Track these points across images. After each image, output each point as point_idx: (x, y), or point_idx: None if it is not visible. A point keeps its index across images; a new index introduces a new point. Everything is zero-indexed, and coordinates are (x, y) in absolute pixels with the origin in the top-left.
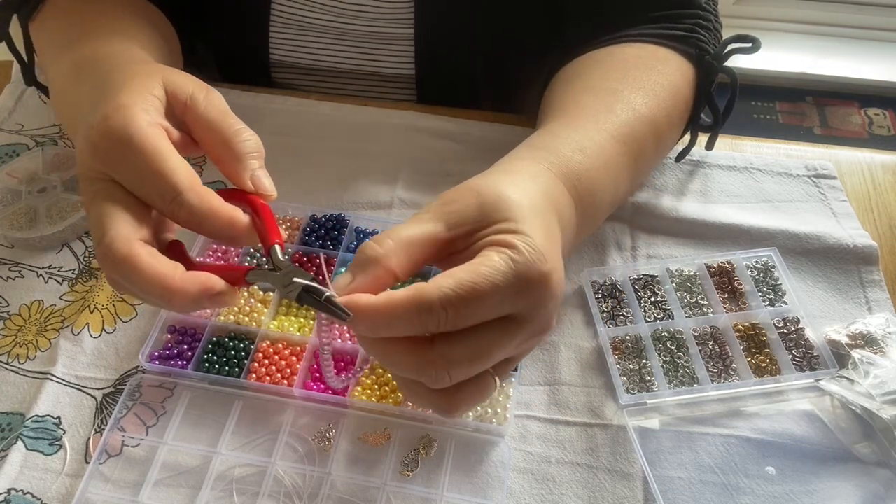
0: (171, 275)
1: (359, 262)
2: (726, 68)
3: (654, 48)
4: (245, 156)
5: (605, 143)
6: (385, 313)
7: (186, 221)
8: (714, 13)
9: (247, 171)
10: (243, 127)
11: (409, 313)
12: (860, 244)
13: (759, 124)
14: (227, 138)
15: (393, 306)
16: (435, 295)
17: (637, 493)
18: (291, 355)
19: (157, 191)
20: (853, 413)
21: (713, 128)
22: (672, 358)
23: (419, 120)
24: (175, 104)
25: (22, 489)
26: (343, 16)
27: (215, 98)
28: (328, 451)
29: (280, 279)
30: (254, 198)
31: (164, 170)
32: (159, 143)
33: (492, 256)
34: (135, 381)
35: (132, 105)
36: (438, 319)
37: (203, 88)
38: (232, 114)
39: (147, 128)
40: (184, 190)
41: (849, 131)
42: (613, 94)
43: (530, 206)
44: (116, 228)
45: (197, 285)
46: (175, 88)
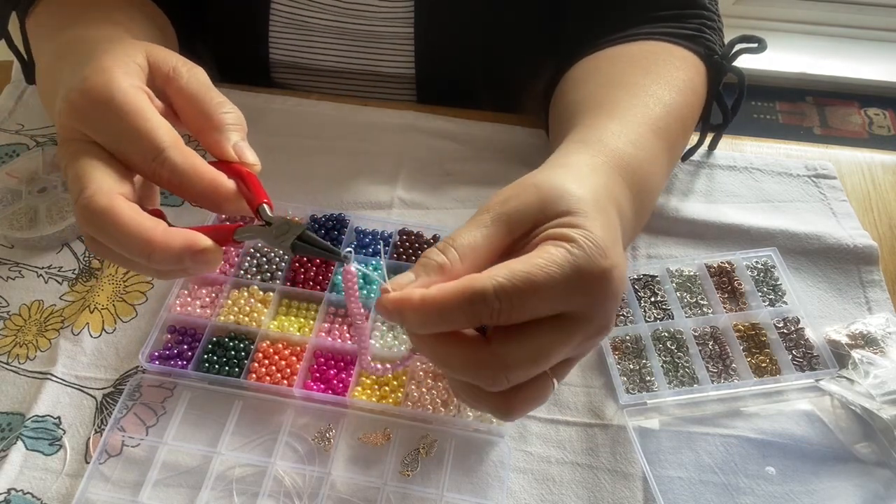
0: (154, 228)
1: (422, 266)
2: (735, 68)
3: (668, 46)
4: (226, 126)
5: (648, 137)
6: (437, 304)
7: (168, 182)
8: (717, 13)
9: (228, 141)
10: (225, 100)
11: (462, 304)
12: (860, 244)
13: (759, 124)
14: (208, 110)
15: (445, 297)
16: (489, 284)
17: (637, 493)
18: (291, 355)
19: (139, 149)
20: (853, 413)
21: (721, 127)
22: (672, 358)
23: (419, 120)
24: (157, 75)
25: (22, 489)
26: (343, 15)
27: (198, 72)
28: (328, 451)
29: (272, 232)
30: (238, 167)
31: (145, 128)
32: (140, 103)
33: (548, 249)
34: (135, 381)
35: (113, 67)
36: (492, 310)
37: (186, 63)
38: (214, 88)
39: (128, 87)
40: (166, 147)
41: (849, 131)
42: (643, 88)
43: (592, 199)
44: (97, 182)
45: (180, 240)
46: (157, 60)
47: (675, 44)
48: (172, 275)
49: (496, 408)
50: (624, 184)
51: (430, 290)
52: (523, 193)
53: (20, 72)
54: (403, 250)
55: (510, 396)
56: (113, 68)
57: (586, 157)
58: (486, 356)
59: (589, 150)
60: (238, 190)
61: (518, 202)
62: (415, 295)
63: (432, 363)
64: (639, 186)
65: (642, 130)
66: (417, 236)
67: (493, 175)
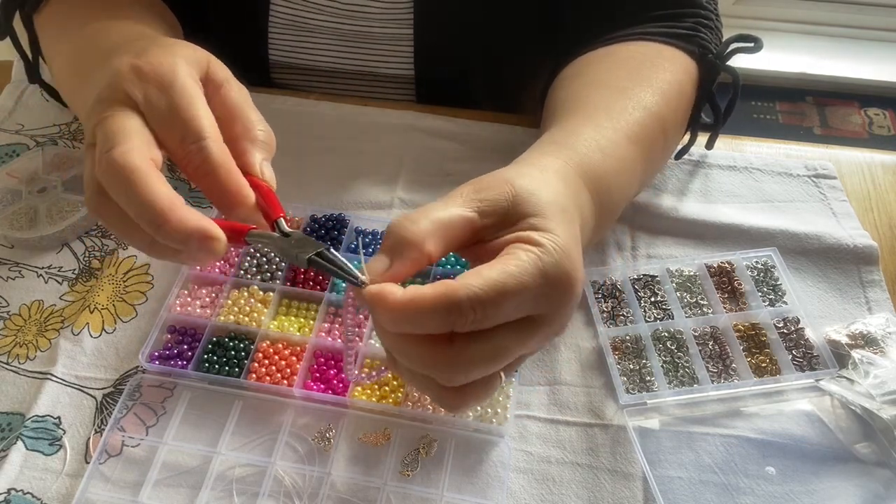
0: (174, 202)
1: (394, 243)
2: (729, 67)
3: (658, 46)
4: (260, 143)
5: (621, 143)
6: (413, 310)
7: (196, 170)
8: (715, 12)
9: (259, 154)
10: (262, 119)
11: (438, 312)
12: (860, 244)
13: (759, 124)
14: (247, 123)
15: (421, 304)
16: (464, 294)
17: (637, 493)
18: (291, 355)
19: (183, 130)
20: (853, 413)
21: (714, 127)
22: (672, 358)
23: (419, 120)
24: (212, 79)
25: (22, 489)
26: (342, 16)
27: (245, 91)
28: (328, 451)
29: (288, 242)
30: (258, 182)
31: (196, 113)
32: (198, 91)
33: (520, 255)
34: (135, 381)
35: (181, 55)
36: (466, 319)
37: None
38: (253, 105)
39: (191, 73)
40: (208, 136)
41: (849, 131)
42: (624, 91)
43: (558, 204)
44: (134, 140)
45: (195, 222)
46: (215, 67)
47: (667, 44)
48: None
49: (445, 400)
50: (587, 192)
51: (407, 294)
52: (499, 186)
53: (21, 72)
54: None
55: (461, 391)
56: (180, 55)
57: (555, 160)
58: (449, 355)
59: (561, 155)
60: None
61: (493, 194)
62: (390, 297)
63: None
64: (602, 195)
65: (616, 137)
66: None
67: None
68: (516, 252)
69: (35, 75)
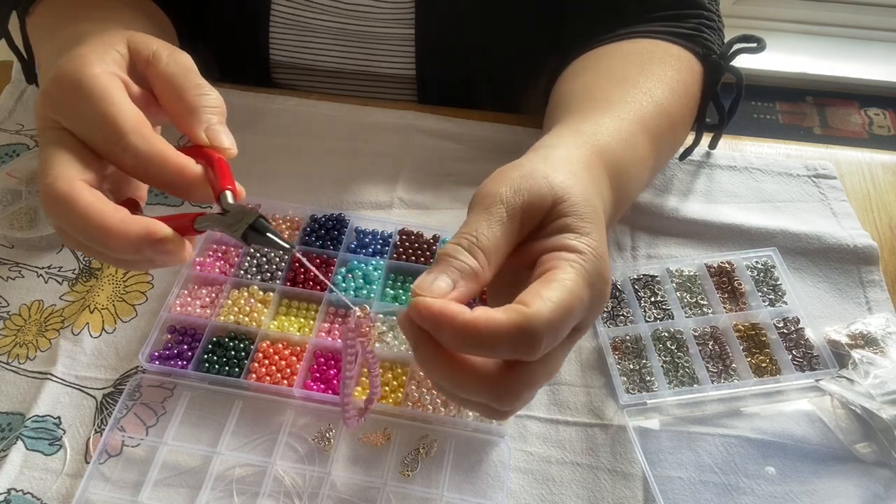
0: (111, 215)
1: (458, 269)
2: (732, 68)
3: (665, 44)
4: (200, 108)
5: (637, 134)
6: (485, 334)
7: (134, 168)
8: (717, 13)
9: (201, 123)
10: (202, 83)
11: (512, 341)
12: (860, 244)
13: (759, 124)
14: (182, 92)
15: (496, 330)
16: (542, 324)
17: (637, 493)
18: (291, 355)
19: (102, 134)
20: (853, 413)
21: (718, 127)
22: (672, 358)
23: (419, 120)
24: (138, 61)
25: (22, 489)
26: (343, 16)
27: (179, 57)
28: (328, 451)
29: (228, 220)
30: (210, 152)
31: (108, 112)
32: (107, 87)
33: (567, 269)
34: (135, 381)
35: (88, 54)
36: (541, 348)
37: (168, 47)
38: (194, 71)
39: (98, 73)
40: (128, 132)
41: (849, 131)
42: (636, 85)
43: (590, 201)
44: (59, 168)
45: (138, 228)
46: (138, 45)
47: (672, 42)
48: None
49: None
50: (607, 181)
51: (479, 317)
52: (535, 187)
53: (20, 72)
54: (403, 250)
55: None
56: (87, 55)
57: (581, 152)
58: (508, 383)
59: (583, 143)
60: (206, 175)
61: (531, 196)
62: (459, 316)
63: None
64: (621, 184)
65: (634, 129)
66: (417, 236)
67: None
68: (563, 265)
69: (32, 76)
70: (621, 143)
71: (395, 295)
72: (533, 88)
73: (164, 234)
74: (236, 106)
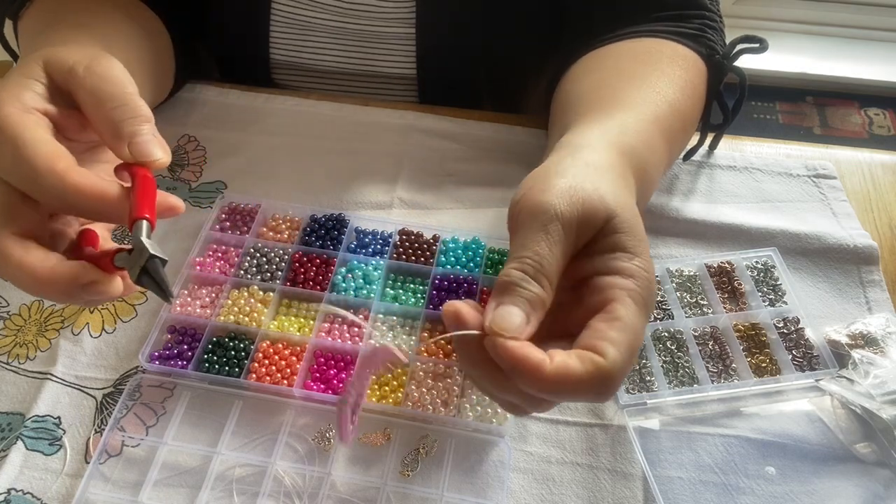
0: (40, 266)
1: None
2: (736, 68)
3: (672, 44)
4: (120, 123)
5: (655, 136)
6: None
7: (59, 207)
8: (718, 13)
9: (122, 139)
10: (125, 92)
11: (592, 391)
12: (860, 244)
13: (759, 124)
14: (101, 105)
15: (575, 382)
16: (618, 371)
17: (637, 493)
18: (291, 355)
19: (19, 177)
20: (853, 413)
21: (721, 127)
22: (672, 358)
23: (419, 120)
24: (59, 81)
25: (22, 489)
26: (344, 15)
27: (100, 64)
28: (328, 451)
29: (132, 259)
30: (137, 168)
31: (21, 155)
32: (19, 127)
33: (627, 303)
34: (135, 381)
35: (2, 93)
36: (613, 393)
37: (87, 57)
38: (115, 79)
39: (10, 112)
40: (41, 173)
41: (849, 131)
42: (649, 84)
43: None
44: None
45: (67, 276)
46: (54, 64)
47: (677, 42)
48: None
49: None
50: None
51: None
52: (589, 201)
53: None
54: (403, 250)
55: None
56: (9, 84)
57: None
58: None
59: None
60: (125, 195)
61: (586, 212)
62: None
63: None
64: (644, 190)
65: (652, 129)
66: (417, 236)
67: (493, 175)
68: (622, 297)
69: None
70: (644, 146)
71: (395, 295)
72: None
73: (91, 278)
74: (236, 106)
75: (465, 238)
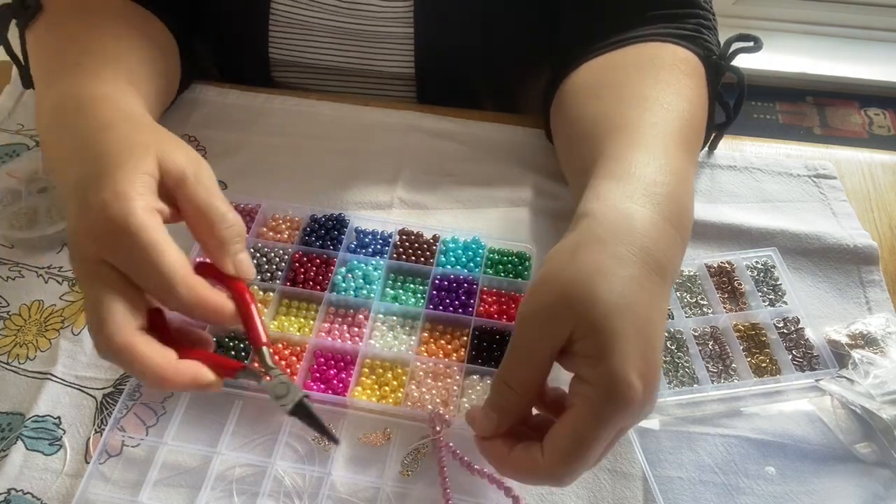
0: (166, 365)
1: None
2: (734, 68)
3: (672, 47)
4: (228, 241)
5: (677, 154)
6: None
7: (177, 308)
8: (712, 12)
9: (229, 255)
10: (227, 211)
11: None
12: (860, 244)
13: (759, 124)
14: (211, 223)
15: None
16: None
17: (637, 493)
18: (291, 355)
19: (153, 283)
20: (853, 413)
21: (724, 126)
22: (672, 358)
23: (419, 120)
24: (168, 182)
25: (22, 489)
26: (342, 15)
27: (204, 176)
28: (328, 451)
29: (272, 389)
30: (234, 282)
31: (159, 263)
32: (156, 236)
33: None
34: (135, 381)
35: (129, 191)
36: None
37: (193, 164)
38: (219, 195)
39: (144, 217)
40: (176, 284)
41: (849, 131)
42: (658, 102)
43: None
44: (116, 318)
45: (188, 377)
46: (168, 167)
47: (676, 45)
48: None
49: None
50: (667, 223)
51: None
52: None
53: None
54: (403, 250)
55: None
56: (129, 193)
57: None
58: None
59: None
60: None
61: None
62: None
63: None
64: (678, 213)
65: (671, 150)
66: (417, 236)
67: (493, 175)
68: (575, 404)
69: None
70: (661, 172)
71: (395, 295)
72: (532, 87)
73: (209, 380)
74: (236, 106)
75: (465, 238)
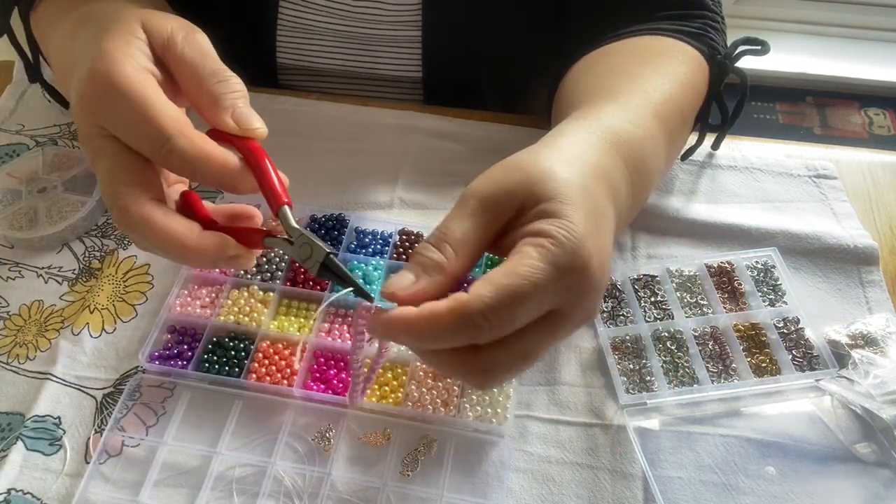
0: (188, 234)
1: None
2: (737, 69)
3: (672, 41)
4: (222, 96)
5: (648, 118)
6: (429, 328)
7: (180, 169)
8: (721, 15)
9: (226, 111)
10: (220, 67)
11: (454, 328)
12: (860, 244)
13: (759, 124)
14: (202, 79)
15: (436, 321)
16: (476, 307)
17: (637, 493)
18: (291, 355)
19: (147, 139)
20: (853, 413)
21: (721, 128)
22: (672, 358)
23: (420, 120)
24: (155, 46)
25: (22, 489)
26: (350, 19)
27: (196, 39)
28: (328, 451)
29: (296, 251)
30: (245, 142)
31: (150, 115)
32: (145, 88)
33: (530, 252)
34: (135, 381)
35: (115, 50)
36: (482, 331)
37: (183, 28)
38: (211, 54)
39: (132, 73)
40: (173, 135)
41: (849, 131)
42: (643, 76)
43: (578, 182)
44: (127, 191)
45: (213, 246)
46: (153, 28)
47: (679, 40)
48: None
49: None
50: (621, 160)
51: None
52: (508, 176)
53: (21, 71)
54: (403, 250)
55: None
56: (114, 51)
57: (582, 134)
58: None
59: (585, 126)
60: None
61: (504, 185)
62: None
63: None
64: (636, 163)
65: (642, 111)
66: (417, 236)
67: None
68: (526, 249)
69: (35, 75)
70: (628, 123)
71: None
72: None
73: (236, 252)
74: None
75: None
